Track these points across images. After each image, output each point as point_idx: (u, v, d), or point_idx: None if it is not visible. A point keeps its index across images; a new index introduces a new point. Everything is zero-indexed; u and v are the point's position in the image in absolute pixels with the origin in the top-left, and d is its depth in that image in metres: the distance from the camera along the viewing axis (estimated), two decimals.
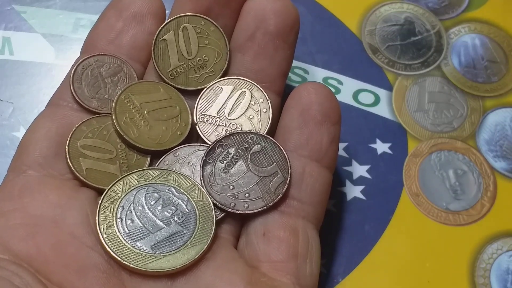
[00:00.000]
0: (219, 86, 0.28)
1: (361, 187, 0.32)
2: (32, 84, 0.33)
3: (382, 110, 0.34)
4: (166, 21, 0.29)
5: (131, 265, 0.24)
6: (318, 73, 0.35)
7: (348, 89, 0.34)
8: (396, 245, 0.30)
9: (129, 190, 0.25)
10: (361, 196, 0.32)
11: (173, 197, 0.25)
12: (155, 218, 0.25)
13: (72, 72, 0.28)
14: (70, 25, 0.35)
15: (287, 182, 0.26)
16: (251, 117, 0.28)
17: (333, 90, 0.34)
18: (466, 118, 0.34)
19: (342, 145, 0.33)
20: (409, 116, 0.34)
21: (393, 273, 0.30)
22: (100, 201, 0.25)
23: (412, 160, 0.33)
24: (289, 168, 0.26)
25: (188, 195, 0.25)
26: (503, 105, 0.35)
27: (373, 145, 0.33)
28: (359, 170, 0.32)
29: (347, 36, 0.36)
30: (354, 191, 0.32)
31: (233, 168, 0.26)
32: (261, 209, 0.26)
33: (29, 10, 0.35)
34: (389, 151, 0.33)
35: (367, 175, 0.32)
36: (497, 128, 0.34)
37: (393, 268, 0.30)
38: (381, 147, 0.33)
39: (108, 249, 0.24)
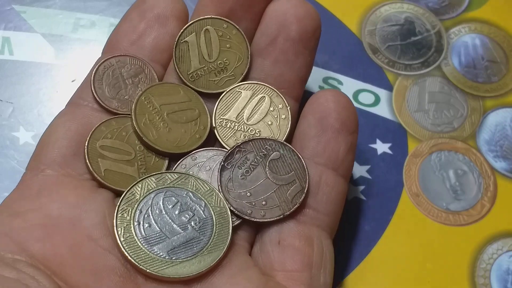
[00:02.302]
0: (238, 90, 0.28)
1: (361, 187, 0.32)
2: (31, 84, 0.33)
3: (382, 110, 0.34)
4: (188, 23, 0.29)
5: (148, 270, 0.23)
6: (318, 73, 0.35)
7: (348, 89, 0.34)
8: (396, 246, 0.30)
9: (147, 193, 0.25)
10: (361, 197, 0.32)
11: (191, 202, 0.25)
12: (172, 223, 0.25)
13: (94, 72, 0.28)
14: (70, 25, 0.35)
15: (305, 191, 0.26)
16: (269, 123, 0.28)
17: None
18: (466, 118, 0.34)
19: None
20: (409, 116, 0.34)
21: (393, 274, 0.30)
22: (118, 204, 0.25)
23: (412, 160, 0.33)
24: (307, 178, 0.26)
25: (205, 201, 0.25)
26: (503, 105, 0.35)
27: (373, 145, 0.33)
28: (359, 170, 0.32)
29: (347, 36, 0.36)
30: (354, 191, 0.32)
31: (251, 174, 0.26)
32: (277, 217, 0.26)
33: (28, 10, 0.35)
34: (389, 151, 0.33)
35: (367, 175, 0.32)
36: (497, 128, 0.34)
37: (393, 268, 0.30)
38: (381, 147, 0.33)
39: (125, 253, 0.24)
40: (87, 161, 0.26)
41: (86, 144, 0.26)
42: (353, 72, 0.35)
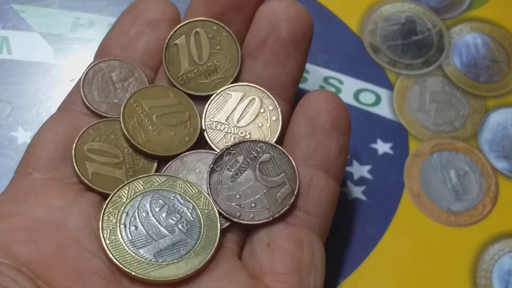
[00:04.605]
0: (228, 92, 0.28)
1: (362, 188, 0.32)
2: (30, 83, 0.33)
3: (383, 110, 0.34)
4: (178, 26, 0.28)
5: (133, 273, 0.23)
6: (319, 73, 0.35)
7: (349, 88, 0.34)
8: (397, 246, 0.30)
9: (134, 196, 0.25)
10: (362, 197, 0.31)
11: (178, 204, 0.25)
12: (159, 226, 0.25)
13: (83, 76, 0.28)
14: (69, 24, 0.35)
15: (295, 193, 0.26)
16: (260, 125, 0.28)
17: (333, 90, 0.34)
18: (468, 118, 0.34)
19: None
20: (410, 116, 0.34)
21: (394, 274, 0.30)
22: (104, 206, 0.25)
23: (413, 160, 0.33)
24: (297, 180, 0.26)
25: (193, 203, 0.25)
26: (505, 105, 0.35)
27: (374, 145, 0.33)
28: (360, 170, 0.32)
29: (348, 35, 0.36)
30: (355, 192, 0.32)
31: (241, 177, 0.26)
32: (266, 220, 0.25)
33: (27, 9, 0.35)
34: (390, 151, 0.33)
35: (368, 176, 0.32)
36: (499, 128, 0.34)
37: (394, 269, 0.30)
38: (382, 147, 0.33)
39: (111, 255, 0.24)
40: (75, 164, 0.26)
41: (73, 147, 0.26)
42: (354, 72, 0.35)
